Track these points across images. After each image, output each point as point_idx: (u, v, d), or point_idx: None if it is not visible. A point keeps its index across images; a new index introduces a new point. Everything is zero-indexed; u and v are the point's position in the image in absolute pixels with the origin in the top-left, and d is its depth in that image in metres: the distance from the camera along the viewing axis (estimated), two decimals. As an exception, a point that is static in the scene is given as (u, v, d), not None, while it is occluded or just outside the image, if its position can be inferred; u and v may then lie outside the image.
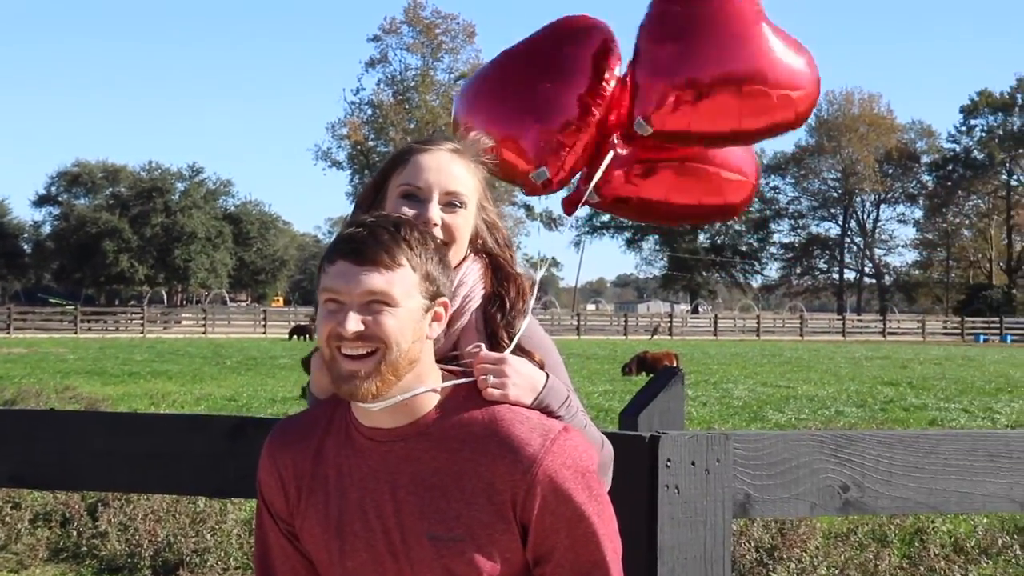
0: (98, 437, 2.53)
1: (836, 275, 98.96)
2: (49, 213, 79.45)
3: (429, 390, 1.89)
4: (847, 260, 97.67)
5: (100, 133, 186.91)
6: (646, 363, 22.71)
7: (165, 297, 76.93)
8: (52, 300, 67.99)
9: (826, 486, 2.36)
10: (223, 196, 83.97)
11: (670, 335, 58.91)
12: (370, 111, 76.35)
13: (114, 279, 74.67)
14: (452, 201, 2.11)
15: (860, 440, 2.39)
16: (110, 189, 78.38)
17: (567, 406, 1.97)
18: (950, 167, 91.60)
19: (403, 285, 1.82)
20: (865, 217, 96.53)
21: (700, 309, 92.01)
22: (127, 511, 7.60)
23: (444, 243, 2.07)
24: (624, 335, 58.24)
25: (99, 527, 7.46)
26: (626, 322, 62.29)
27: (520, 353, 2.02)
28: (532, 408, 1.91)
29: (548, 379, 1.98)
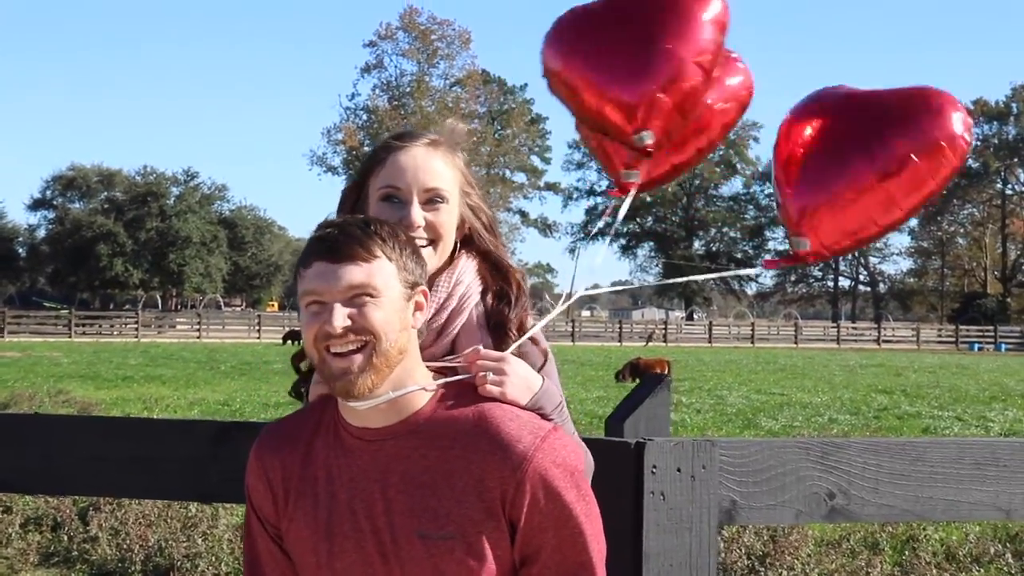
0: (84, 441, 2.51)
1: (831, 283, 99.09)
2: (44, 217, 79.33)
3: (420, 388, 1.89)
4: (842, 268, 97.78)
5: (95, 137, 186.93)
6: (639, 369, 22.73)
7: (160, 301, 76.87)
8: (47, 304, 67.83)
9: (812, 493, 2.35)
10: (218, 201, 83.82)
11: (665, 342, 58.93)
12: (365, 116, 76.28)
13: (109, 283, 74.49)
14: (433, 198, 2.10)
15: (846, 447, 2.39)
16: (105, 193, 78.15)
17: (560, 411, 1.98)
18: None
19: (382, 276, 1.83)
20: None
21: (695, 316, 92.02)
22: (118, 515, 7.58)
23: (431, 240, 2.08)
24: (619, 342, 58.25)
25: (90, 531, 7.45)
26: (621, 329, 62.28)
27: (524, 346, 2.04)
28: (526, 409, 1.91)
29: (544, 381, 1.98)
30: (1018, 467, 2.54)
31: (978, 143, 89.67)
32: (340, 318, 1.79)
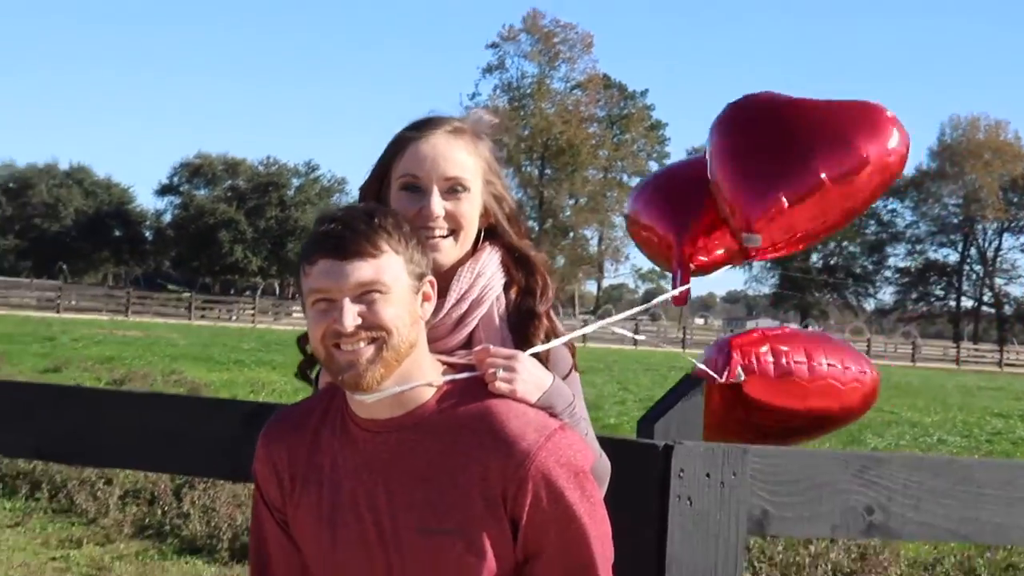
0: (120, 415, 2.57)
1: (953, 302, 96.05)
2: (171, 202, 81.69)
3: (427, 384, 1.88)
4: (965, 288, 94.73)
5: (222, 126, 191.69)
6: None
7: (278, 289, 78.48)
8: (170, 287, 69.96)
9: (849, 507, 2.29)
10: (337, 194, 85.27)
11: (776, 354, 57.84)
12: (486, 117, 76.88)
13: (228, 269, 76.30)
14: (454, 187, 2.06)
15: (887, 462, 2.33)
16: (229, 181, 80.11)
17: (571, 411, 1.93)
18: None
19: (391, 270, 1.80)
20: (986, 245, 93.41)
21: (810, 329, 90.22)
22: (210, 494, 7.81)
23: (451, 231, 2.05)
24: (729, 351, 57.39)
25: (183, 508, 7.69)
26: (732, 338, 61.35)
27: (555, 350, 2.03)
28: (536, 406, 1.88)
29: (554, 380, 1.94)
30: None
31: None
32: (351, 317, 1.76)
